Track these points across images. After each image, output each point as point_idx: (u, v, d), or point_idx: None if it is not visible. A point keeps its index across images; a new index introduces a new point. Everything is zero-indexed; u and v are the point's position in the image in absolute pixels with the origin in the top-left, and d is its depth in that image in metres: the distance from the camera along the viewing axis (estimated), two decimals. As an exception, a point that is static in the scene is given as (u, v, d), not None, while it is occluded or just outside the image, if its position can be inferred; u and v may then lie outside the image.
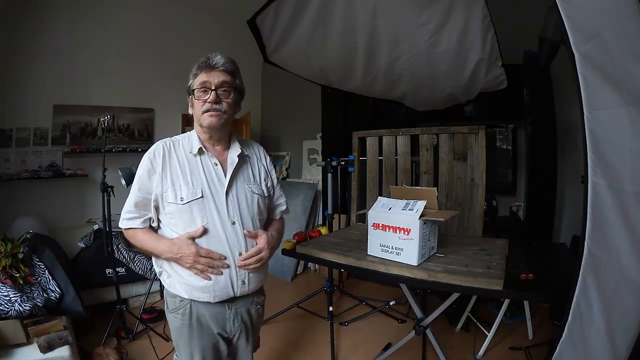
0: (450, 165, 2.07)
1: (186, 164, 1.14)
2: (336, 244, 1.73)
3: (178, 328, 1.18)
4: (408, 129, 2.30)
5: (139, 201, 1.13)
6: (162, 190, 1.11)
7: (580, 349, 0.98)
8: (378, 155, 2.33)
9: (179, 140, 1.19)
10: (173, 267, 1.15)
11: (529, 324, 2.29)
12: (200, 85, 1.11)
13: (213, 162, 1.16)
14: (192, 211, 1.10)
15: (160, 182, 1.11)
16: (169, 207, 1.11)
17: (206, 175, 1.14)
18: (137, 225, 1.14)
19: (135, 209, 1.14)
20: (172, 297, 1.18)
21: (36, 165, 3.06)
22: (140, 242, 1.16)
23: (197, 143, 1.16)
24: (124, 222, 1.15)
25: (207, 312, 1.16)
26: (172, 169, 1.13)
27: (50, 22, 3.05)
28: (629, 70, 0.78)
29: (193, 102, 1.15)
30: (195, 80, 1.14)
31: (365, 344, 2.31)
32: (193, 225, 1.10)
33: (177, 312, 1.17)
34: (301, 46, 2.42)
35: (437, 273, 1.28)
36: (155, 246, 1.14)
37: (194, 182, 1.12)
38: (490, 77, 2.20)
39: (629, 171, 0.81)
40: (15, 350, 1.66)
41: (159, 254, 1.15)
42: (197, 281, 1.11)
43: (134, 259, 2.77)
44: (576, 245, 1.08)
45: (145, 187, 1.12)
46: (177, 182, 1.11)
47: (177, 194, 1.10)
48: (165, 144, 1.16)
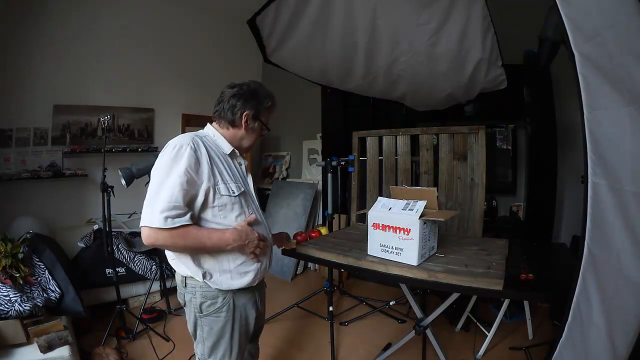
0: (450, 165, 2.06)
1: (222, 159, 1.20)
2: (336, 244, 1.73)
3: (220, 328, 1.19)
4: (408, 129, 2.30)
5: (185, 195, 1.05)
6: (214, 182, 1.12)
7: (580, 349, 0.98)
8: (378, 155, 2.33)
9: (201, 136, 1.20)
10: (220, 262, 1.16)
11: (529, 324, 2.29)
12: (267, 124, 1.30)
13: (239, 162, 1.29)
14: (241, 202, 1.18)
15: (210, 174, 1.11)
16: (221, 199, 1.13)
17: (239, 172, 1.25)
18: (186, 221, 1.05)
19: (182, 204, 1.04)
20: (211, 299, 1.17)
21: (36, 165, 3.05)
22: (198, 239, 1.08)
23: (228, 146, 1.24)
24: (169, 221, 1.01)
25: (247, 300, 1.23)
26: (215, 163, 1.16)
27: (50, 22, 3.05)
28: (629, 70, 0.78)
29: (255, 128, 1.26)
30: (266, 115, 1.28)
31: (365, 344, 2.31)
32: (243, 216, 1.18)
33: (220, 310, 1.18)
34: (301, 46, 2.42)
35: (437, 273, 1.28)
36: (219, 238, 1.10)
37: (234, 177, 1.19)
38: (490, 77, 2.20)
39: (629, 171, 0.81)
40: (15, 350, 1.66)
41: (224, 245, 1.11)
42: (248, 267, 1.19)
43: (134, 259, 2.77)
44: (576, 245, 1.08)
45: (192, 180, 1.06)
46: (223, 175, 1.15)
47: (228, 187, 1.14)
48: (196, 138, 1.15)
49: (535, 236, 2.67)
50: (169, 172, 1.05)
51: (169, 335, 2.37)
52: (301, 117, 4.29)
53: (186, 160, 1.05)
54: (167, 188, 1.03)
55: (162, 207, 1.01)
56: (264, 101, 1.25)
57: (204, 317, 1.19)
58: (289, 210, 3.81)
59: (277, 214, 3.86)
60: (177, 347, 2.23)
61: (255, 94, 1.24)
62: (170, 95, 3.69)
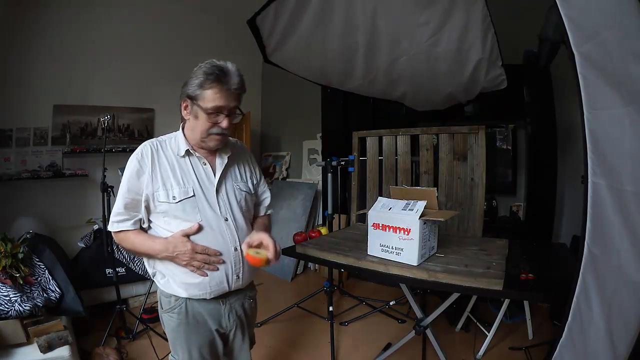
0: (450, 165, 2.06)
1: (175, 163, 1.15)
2: (336, 244, 1.73)
3: (174, 327, 1.18)
4: (408, 129, 2.30)
5: (127, 202, 1.11)
6: (152, 190, 1.10)
7: (580, 349, 0.98)
8: (378, 155, 2.33)
9: (165, 140, 1.18)
10: (167, 267, 1.14)
11: (529, 324, 2.28)
12: (214, 109, 1.07)
13: (202, 161, 1.17)
14: (185, 209, 1.11)
15: (150, 182, 1.10)
16: (160, 206, 1.11)
17: (196, 174, 1.15)
18: (127, 227, 1.12)
19: (124, 211, 1.11)
20: (166, 297, 1.18)
21: (36, 165, 3.06)
22: (133, 245, 1.14)
23: (184, 145, 1.15)
24: (114, 225, 1.13)
25: (203, 309, 1.17)
26: (161, 169, 1.12)
27: (51, 22, 3.05)
28: (629, 70, 0.78)
29: (198, 114, 1.09)
30: (204, 93, 1.06)
31: (365, 344, 2.31)
32: (187, 223, 1.10)
33: (172, 311, 1.17)
34: (301, 46, 2.42)
35: (437, 273, 1.28)
36: (150, 247, 1.12)
37: (184, 181, 1.13)
38: (490, 77, 2.20)
39: (629, 171, 0.81)
40: (15, 350, 1.66)
41: (154, 254, 1.13)
42: (193, 278, 1.12)
43: (134, 259, 2.77)
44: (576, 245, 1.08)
45: (134, 188, 1.11)
46: (167, 182, 1.11)
47: (169, 193, 1.10)
48: (153, 144, 1.15)
49: (535, 236, 2.67)
50: (123, 180, 1.13)
51: (169, 335, 2.37)
52: (301, 117, 4.29)
53: (130, 169, 1.12)
54: (118, 195, 1.13)
55: (113, 212, 1.13)
56: (196, 80, 1.06)
57: (163, 312, 1.20)
58: (289, 210, 3.81)
59: (277, 214, 3.86)
60: (177, 347, 2.23)
61: (191, 77, 1.09)
62: (170, 95, 3.62)
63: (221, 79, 1.05)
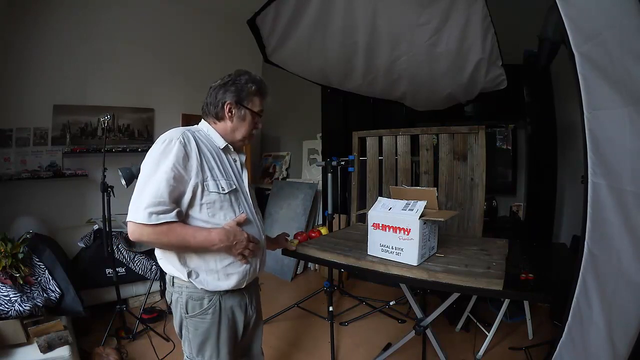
0: (450, 165, 2.06)
1: (215, 155, 1.16)
2: (336, 244, 1.73)
3: (207, 329, 1.15)
4: (408, 129, 2.30)
5: (172, 191, 1.01)
6: (203, 179, 1.07)
7: (580, 349, 0.98)
8: (378, 155, 2.33)
9: (194, 131, 1.16)
10: (207, 263, 1.11)
11: (529, 324, 2.29)
12: (259, 112, 1.24)
13: (233, 158, 1.24)
14: (231, 201, 1.14)
15: (200, 170, 1.07)
16: (209, 196, 1.08)
17: (232, 168, 1.21)
18: (171, 218, 1.00)
19: (168, 201, 1.00)
20: (197, 300, 1.13)
21: (36, 165, 3.05)
22: (182, 237, 1.02)
23: (221, 140, 1.21)
24: (153, 217, 0.97)
25: (234, 302, 1.19)
26: (206, 158, 1.11)
27: (50, 22, 3.05)
28: (629, 70, 0.78)
29: (246, 117, 1.21)
30: (253, 99, 1.21)
31: (365, 344, 2.31)
32: (232, 214, 1.13)
33: (206, 312, 1.14)
34: (301, 46, 2.42)
35: (437, 273, 1.28)
36: (205, 237, 1.05)
37: (226, 173, 1.16)
38: (490, 77, 2.20)
39: (629, 171, 0.81)
40: (15, 350, 1.66)
41: (210, 245, 1.06)
42: (236, 268, 1.15)
43: (134, 259, 2.77)
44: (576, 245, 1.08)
45: (180, 176, 1.03)
46: (213, 172, 1.11)
47: (217, 183, 1.10)
48: (190, 131, 1.12)
49: (535, 236, 2.67)
50: (156, 167, 1.02)
51: (169, 335, 2.37)
52: (301, 117, 4.29)
53: (174, 156, 1.02)
54: (154, 183, 1.00)
55: (148, 202, 0.98)
56: (247, 86, 1.18)
57: (189, 317, 1.15)
58: (289, 210, 3.81)
59: (277, 214, 3.86)
60: (177, 347, 2.23)
61: (236, 81, 1.19)
62: (170, 95, 3.69)
63: (264, 89, 1.24)
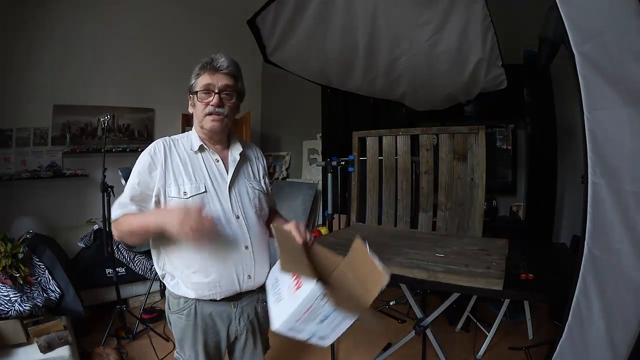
0: (450, 165, 2.06)
1: (187, 160, 1.15)
2: (336, 244, 1.73)
3: (182, 328, 1.17)
4: (408, 129, 2.30)
5: (135, 195, 1.09)
6: (164, 185, 1.10)
7: (580, 349, 0.98)
8: (378, 155, 2.33)
9: (178, 139, 1.19)
10: (177, 268, 1.13)
11: (529, 324, 2.29)
12: (204, 87, 1.12)
13: (214, 158, 1.17)
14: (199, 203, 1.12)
15: (162, 177, 1.10)
16: (171, 201, 1.10)
17: (208, 171, 1.15)
18: (130, 211, 1.07)
19: (130, 202, 1.08)
20: (175, 299, 1.16)
21: (36, 165, 3.05)
22: (130, 224, 1.05)
23: (197, 141, 1.17)
24: (117, 212, 1.07)
25: (213, 311, 1.15)
26: (174, 164, 1.13)
27: (50, 22, 3.05)
28: (629, 70, 0.78)
29: (195, 102, 1.15)
30: (197, 80, 1.14)
31: (365, 344, 2.30)
32: None
33: (181, 312, 1.16)
34: (301, 46, 2.42)
35: (437, 273, 1.28)
36: (160, 213, 1.06)
37: (196, 177, 1.13)
38: (490, 77, 2.20)
39: (629, 171, 0.82)
40: (15, 350, 1.67)
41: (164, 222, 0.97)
42: (203, 278, 1.10)
43: (134, 259, 2.77)
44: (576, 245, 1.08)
45: (144, 182, 1.10)
46: (179, 177, 1.11)
47: (180, 188, 1.10)
48: (165, 141, 1.16)
49: (535, 236, 2.68)
50: (133, 173, 1.12)
51: (169, 335, 2.37)
52: (301, 117, 4.29)
53: (141, 163, 1.11)
54: (126, 187, 1.11)
55: (118, 202, 1.10)
56: (194, 72, 1.15)
57: (170, 313, 1.19)
58: (289, 210, 3.81)
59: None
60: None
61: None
62: (170, 95, 3.68)
63: (209, 64, 1.12)
